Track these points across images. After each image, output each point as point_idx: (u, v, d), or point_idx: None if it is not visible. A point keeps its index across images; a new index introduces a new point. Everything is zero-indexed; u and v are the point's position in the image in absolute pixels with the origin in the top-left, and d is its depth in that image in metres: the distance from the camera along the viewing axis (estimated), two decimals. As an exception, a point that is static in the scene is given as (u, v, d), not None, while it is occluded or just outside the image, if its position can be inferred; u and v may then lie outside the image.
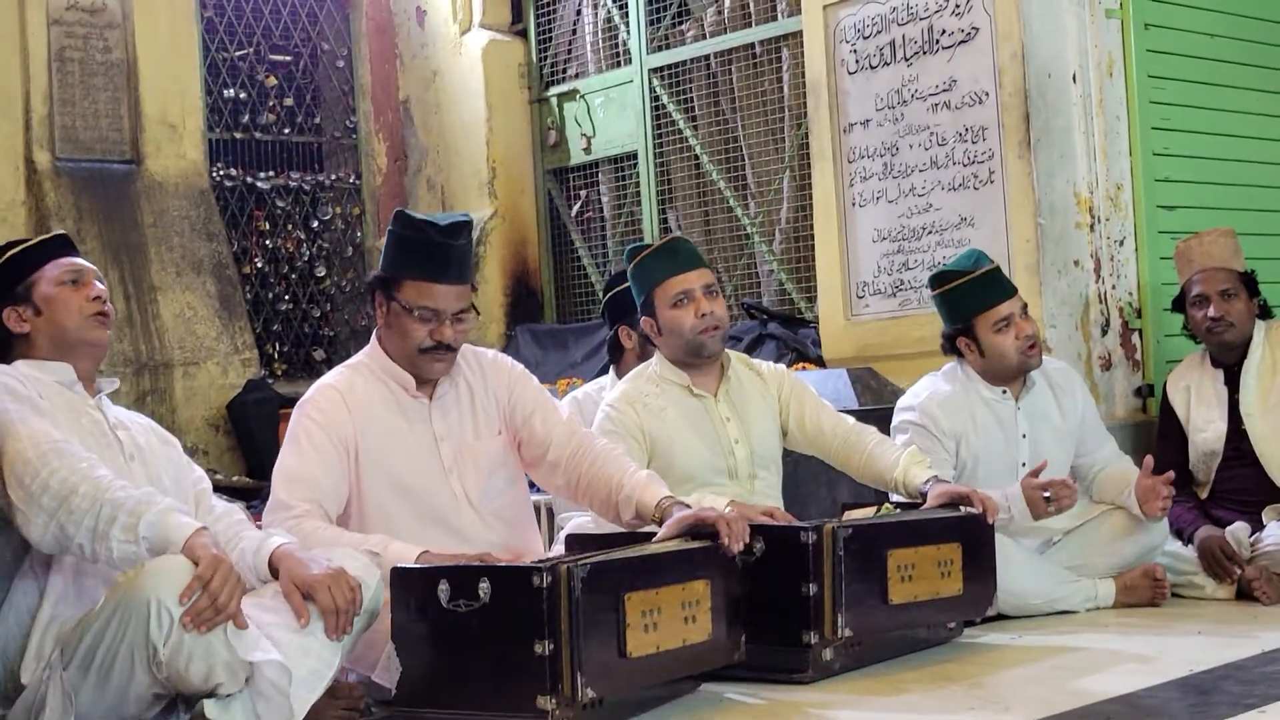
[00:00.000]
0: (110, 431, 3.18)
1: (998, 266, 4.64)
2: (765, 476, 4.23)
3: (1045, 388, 4.65)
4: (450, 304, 3.54)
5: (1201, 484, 4.95)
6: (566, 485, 3.69)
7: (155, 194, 7.63)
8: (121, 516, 2.83)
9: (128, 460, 3.15)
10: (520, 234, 8.30)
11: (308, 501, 3.43)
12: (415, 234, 3.55)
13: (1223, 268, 4.95)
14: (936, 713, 3.25)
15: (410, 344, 3.55)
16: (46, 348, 3.21)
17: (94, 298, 3.25)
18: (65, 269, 3.26)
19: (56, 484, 2.86)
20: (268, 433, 7.22)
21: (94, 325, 3.25)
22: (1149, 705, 3.20)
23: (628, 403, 4.14)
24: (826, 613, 3.54)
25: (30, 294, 3.23)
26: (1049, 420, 4.62)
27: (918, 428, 4.49)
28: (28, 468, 2.89)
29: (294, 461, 3.50)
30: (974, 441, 4.53)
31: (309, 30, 8.65)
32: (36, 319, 3.21)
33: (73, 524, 2.84)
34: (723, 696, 3.45)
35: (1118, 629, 4.19)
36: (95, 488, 2.86)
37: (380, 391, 3.60)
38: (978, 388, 4.57)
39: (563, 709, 2.95)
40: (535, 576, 2.95)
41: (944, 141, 5.76)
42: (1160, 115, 5.77)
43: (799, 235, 6.92)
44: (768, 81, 7.11)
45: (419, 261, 3.53)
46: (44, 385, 3.13)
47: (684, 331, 4.12)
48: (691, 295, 4.12)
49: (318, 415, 3.53)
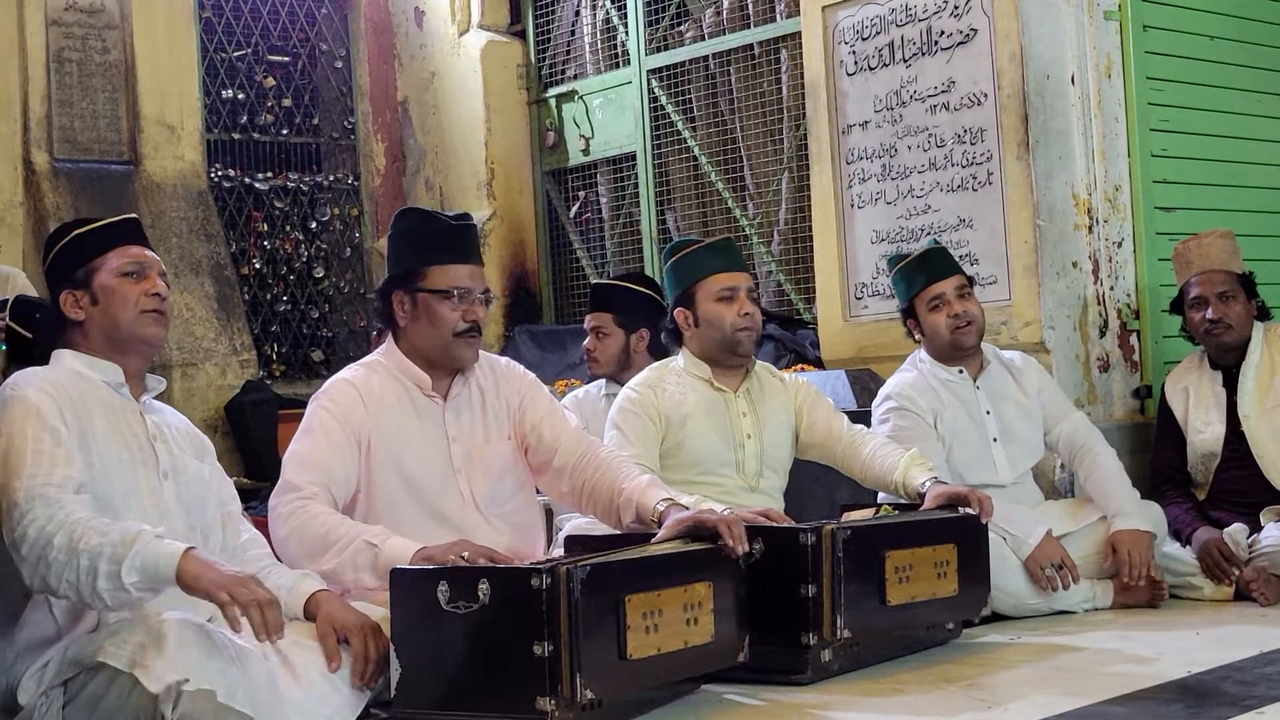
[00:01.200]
0: (149, 443, 3.10)
1: (940, 248, 4.80)
2: (771, 478, 4.29)
3: (1002, 370, 4.78)
4: (477, 283, 3.63)
5: (1199, 485, 4.96)
6: (571, 491, 3.72)
7: (153, 195, 7.63)
8: (102, 566, 2.74)
9: (161, 479, 3.08)
10: (518, 235, 8.30)
11: (316, 485, 3.45)
12: (429, 224, 3.66)
13: (1221, 269, 4.96)
14: (935, 714, 3.26)
15: (445, 330, 3.59)
16: (99, 340, 3.12)
17: (153, 293, 3.14)
18: (129, 259, 3.15)
19: (34, 533, 2.78)
20: (266, 434, 7.23)
21: (149, 321, 3.13)
22: (1147, 706, 3.20)
23: (648, 386, 4.26)
24: (825, 614, 3.55)
25: (90, 281, 3.12)
26: (1009, 397, 4.73)
27: (898, 411, 4.60)
28: (14, 512, 2.82)
29: (306, 447, 3.52)
30: (946, 418, 4.63)
31: (307, 31, 8.65)
32: (93, 309, 3.11)
33: (53, 576, 2.78)
34: (722, 697, 3.46)
35: (1116, 630, 4.20)
36: (69, 538, 2.76)
37: (395, 389, 3.63)
38: (935, 370, 4.70)
39: (562, 710, 2.95)
40: (534, 578, 2.95)
41: (942, 143, 5.76)
42: (1159, 117, 5.77)
43: (797, 236, 6.93)
44: (766, 83, 7.11)
45: (439, 248, 3.61)
46: (89, 386, 3.05)
47: (724, 326, 4.22)
48: (737, 294, 4.23)
49: (332, 405, 3.56)
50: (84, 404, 3.01)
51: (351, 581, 3.31)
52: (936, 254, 4.75)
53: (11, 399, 2.95)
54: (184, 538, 2.98)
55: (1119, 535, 4.50)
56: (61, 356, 3.11)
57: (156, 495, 3.04)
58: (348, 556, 3.30)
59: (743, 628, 3.43)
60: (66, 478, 2.87)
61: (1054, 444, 4.82)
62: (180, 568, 2.76)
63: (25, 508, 2.81)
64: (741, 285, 4.26)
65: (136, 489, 3.02)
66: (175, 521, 3.05)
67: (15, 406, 2.93)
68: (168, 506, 3.06)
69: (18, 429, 2.90)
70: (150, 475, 3.06)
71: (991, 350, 4.80)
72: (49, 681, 2.85)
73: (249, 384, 7.47)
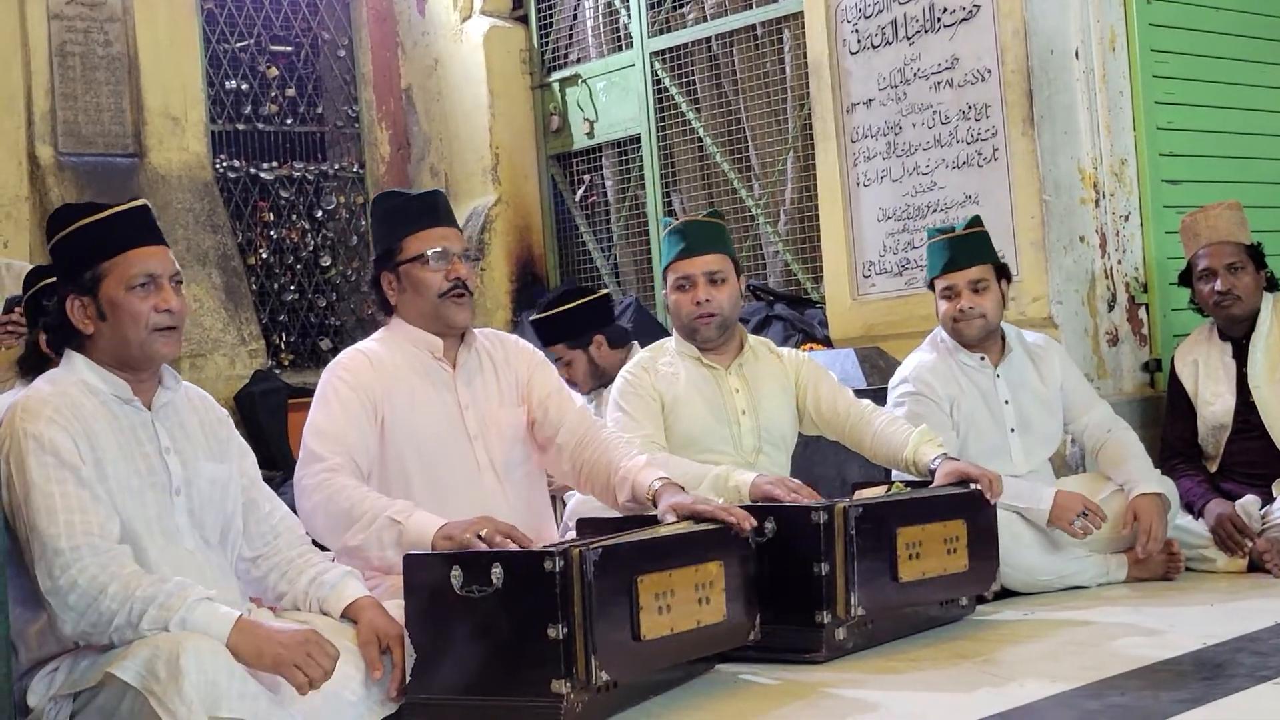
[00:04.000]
0: (160, 459, 3.00)
1: (974, 234, 4.66)
2: (771, 454, 4.27)
3: (1023, 356, 4.71)
4: (454, 244, 3.66)
5: (1211, 457, 4.96)
6: (572, 470, 3.73)
7: (159, 187, 7.62)
8: (151, 611, 2.73)
9: (173, 497, 3.00)
10: (524, 220, 8.29)
11: (340, 455, 3.45)
12: (398, 199, 3.75)
13: (1229, 241, 4.95)
14: (951, 689, 3.26)
15: (430, 294, 3.61)
16: (108, 354, 2.98)
17: (164, 309, 2.97)
18: (139, 270, 2.96)
19: (85, 582, 2.75)
20: (277, 423, 7.23)
21: (159, 340, 2.98)
22: (1164, 679, 3.21)
23: (642, 368, 4.27)
24: (839, 592, 3.55)
25: (97, 289, 2.95)
26: (1029, 387, 4.67)
27: (915, 396, 4.56)
28: (58, 559, 2.76)
29: (323, 417, 3.53)
30: (963, 405, 4.59)
31: (309, 20, 8.64)
32: (101, 323, 2.96)
33: (103, 622, 2.75)
34: (737, 677, 3.47)
35: (1129, 604, 4.20)
36: (124, 587, 2.75)
37: (407, 359, 3.64)
38: (957, 355, 4.63)
39: (577, 692, 2.95)
40: (547, 561, 2.95)
41: (947, 120, 5.75)
42: (1164, 89, 5.75)
43: (803, 216, 6.92)
44: (769, 63, 7.10)
45: (411, 219, 3.66)
46: (99, 401, 2.95)
47: (680, 315, 4.25)
48: (692, 280, 4.20)
49: (346, 375, 3.57)
50: (94, 426, 2.92)
51: (378, 558, 3.30)
52: (964, 241, 4.61)
53: (24, 436, 2.84)
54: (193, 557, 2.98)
55: (1140, 501, 4.47)
56: (73, 361, 3.00)
57: (166, 520, 2.98)
58: (373, 533, 3.31)
59: (753, 606, 3.44)
60: (106, 526, 2.83)
61: (1078, 434, 4.78)
62: (235, 644, 2.73)
63: (72, 556, 2.76)
64: (698, 272, 4.19)
65: (145, 515, 2.94)
66: (185, 541, 3.00)
67: (29, 445, 2.84)
68: (177, 528, 2.99)
69: (37, 474, 2.82)
70: (161, 497, 2.98)
71: (1015, 334, 4.73)
72: (58, 688, 2.83)
73: (258, 374, 7.47)
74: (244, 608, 3.04)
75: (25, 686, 2.88)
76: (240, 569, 3.18)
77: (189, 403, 3.16)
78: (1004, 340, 4.67)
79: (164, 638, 2.70)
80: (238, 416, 7.37)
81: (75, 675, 2.82)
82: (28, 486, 2.82)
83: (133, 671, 2.66)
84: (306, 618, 3.10)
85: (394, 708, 3.07)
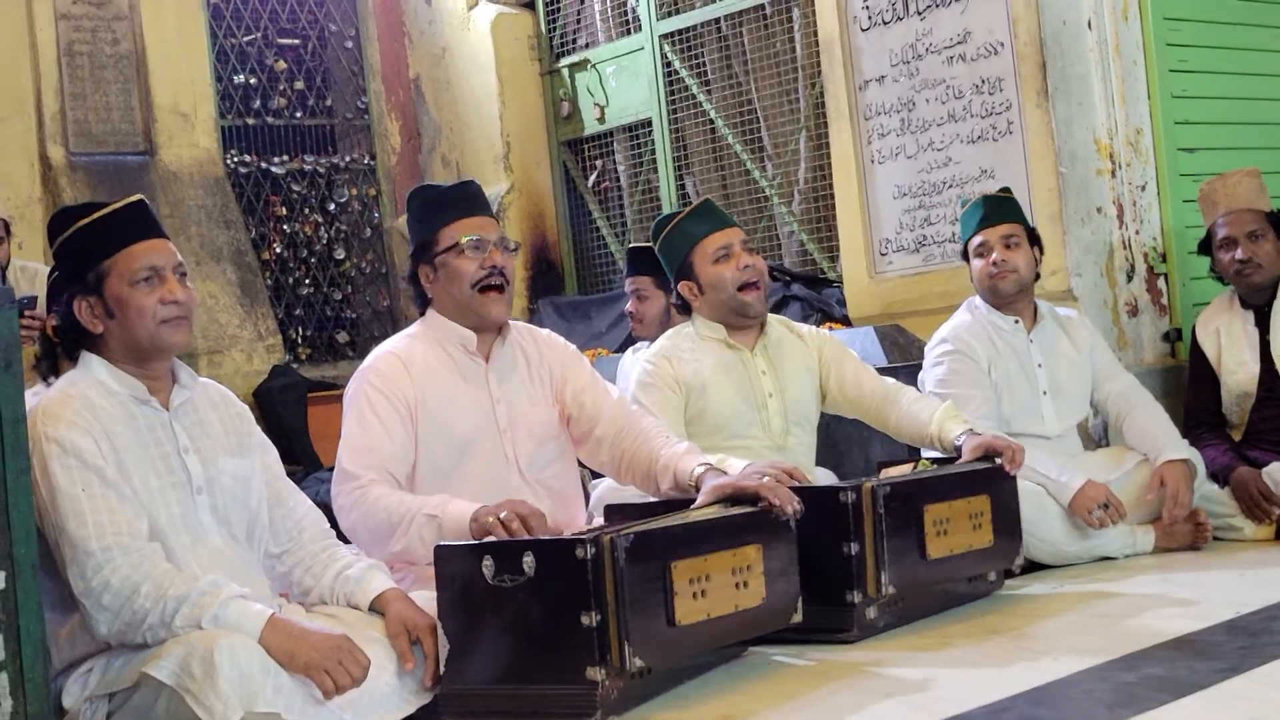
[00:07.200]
0: (179, 458, 3.00)
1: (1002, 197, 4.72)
2: (799, 435, 4.26)
3: (1055, 325, 4.76)
4: (490, 232, 3.64)
5: (1235, 426, 4.94)
6: (611, 461, 3.73)
7: (170, 184, 7.63)
8: (184, 609, 2.75)
9: (194, 495, 3.01)
10: (537, 207, 8.29)
11: (373, 470, 3.45)
12: (432, 192, 3.74)
13: (1249, 209, 4.92)
14: (985, 665, 3.25)
15: (465, 284, 3.59)
16: (120, 352, 2.99)
17: (170, 300, 2.98)
18: (141, 265, 2.97)
19: (118, 582, 2.77)
20: (296, 417, 7.24)
21: (169, 331, 2.99)
22: (1198, 648, 3.20)
23: (663, 356, 4.23)
24: (869, 571, 3.55)
25: (102, 287, 2.96)
26: (1061, 352, 4.71)
27: (953, 354, 4.59)
28: (90, 560, 2.78)
29: (356, 430, 3.52)
30: (999, 366, 4.62)
31: (316, 12, 8.63)
32: (109, 321, 2.97)
33: (137, 621, 2.77)
34: (770, 659, 3.46)
35: (1158, 574, 4.18)
36: (158, 586, 2.77)
37: (439, 354, 3.64)
38: (992, 317, 4.68)
39: (612, 679, 2.95)
40: (579, 548, 2.94)
41: (961, 94, 5.73)
42: (1178, 57, 5.72)
43: (818, 195, 6.90)
44: (780, 42, 7.07)
45: (443, 211, 3.65)
46: (116, 402, 2.96)
47: (726, 285, 4.20)
48: (732, 250, 4.21)
49: (378, 380, 3.56)
50: (113, 427, 2.92)
51: (423, 558, 3.27)
52: (994, 202, 4.71)
53: (46, 440, 2.84)
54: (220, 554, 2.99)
55: (1166, 468, 4.48)
56: (89, 362, 3.00)
57: (190, 518, 2.98)
58: (414, 534, 3.31)
59: (795, 588, 3.42)
60: (135, 525, 2.84)
61: (1101, 402, 4.79)
62: (268, 642, 2.74)
63: (104, 557, 2.78)
64: (735, 240, 4.24)
65: (170, 514, 2.95)
66: (212, 538, 3.01)
67: (51, 449, 2.84)
68: (202, 525, 3.00)
69: (62, 478, 2.82)
70: (183, 496, 2.99)
71: (1046, 306, 4.77)
72: (93, 689, 2.84)
73: (276, 369, 7.49)
74: (274, 604, 3.04)
75: (60, 688, 2.88)
76: (265, 565, 3.19)
77: (208, 399, 3.16)
78: (1036, 309, 4.71)
79: (197, 635, 2.71)
80: (257, 412, 7.39)
81: (110, 675, 2.83)
82: (53, 491, 2.82)
83: (168, 670, 2.67)
84: (335, 611, 3.11)
85: (429, 698, 3.07)
